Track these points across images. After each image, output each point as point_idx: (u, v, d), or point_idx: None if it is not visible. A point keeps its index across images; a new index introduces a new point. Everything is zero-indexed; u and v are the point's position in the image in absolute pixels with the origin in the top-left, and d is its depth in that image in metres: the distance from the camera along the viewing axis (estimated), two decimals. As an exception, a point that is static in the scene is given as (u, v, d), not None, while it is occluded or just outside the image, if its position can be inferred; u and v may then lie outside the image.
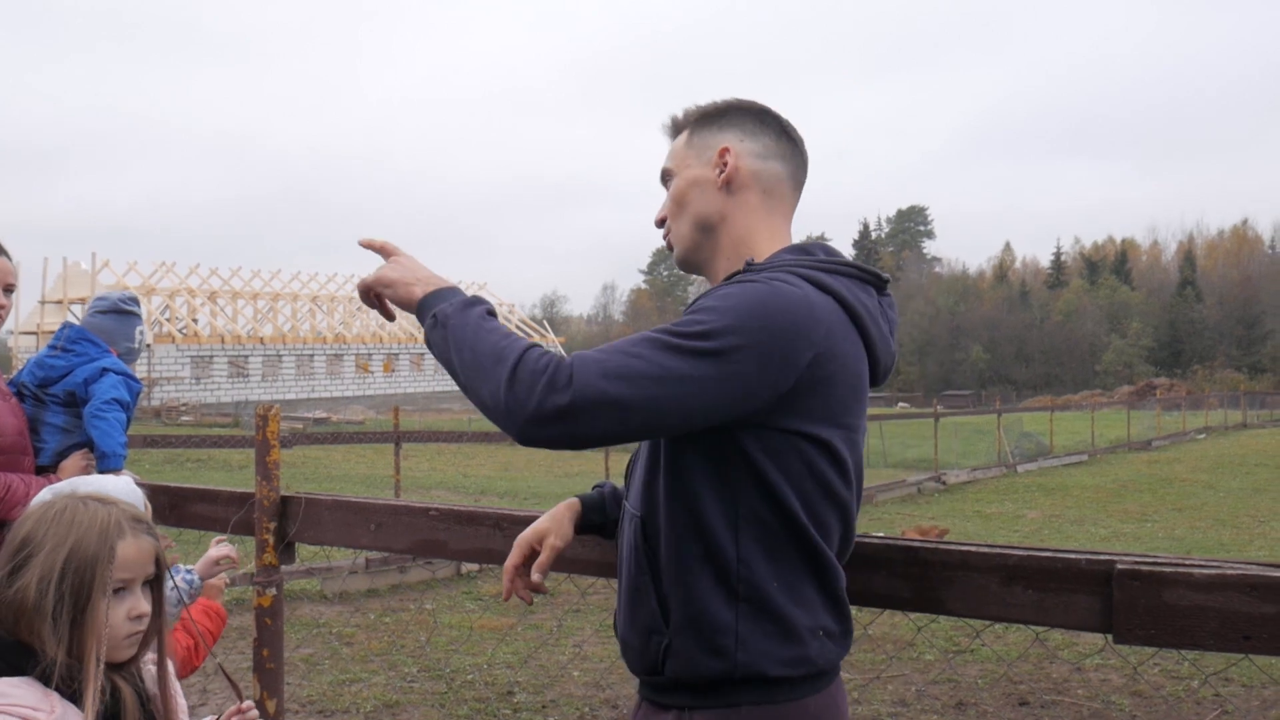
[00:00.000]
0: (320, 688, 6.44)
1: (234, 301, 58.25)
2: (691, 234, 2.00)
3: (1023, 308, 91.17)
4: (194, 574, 2.99)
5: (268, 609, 2.95)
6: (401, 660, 7.08)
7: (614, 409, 1.62)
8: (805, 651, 1.75)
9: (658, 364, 1.64)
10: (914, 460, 25.85)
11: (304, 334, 59.87)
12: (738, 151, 1.97)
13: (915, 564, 2.00)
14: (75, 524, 1.89)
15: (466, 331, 1.74)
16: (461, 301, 1.81)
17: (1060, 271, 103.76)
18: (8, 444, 3.23)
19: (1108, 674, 6.74)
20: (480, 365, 1.69)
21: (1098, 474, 22.97)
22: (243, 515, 3.00)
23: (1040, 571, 1.86)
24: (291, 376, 57.78)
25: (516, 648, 7.44)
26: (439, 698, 6.25)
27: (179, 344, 52.57)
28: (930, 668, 7.02)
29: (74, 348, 3.51)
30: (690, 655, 1.77)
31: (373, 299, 1.96)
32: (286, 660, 7.06)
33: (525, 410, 1.62)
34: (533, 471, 23.48)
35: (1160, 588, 1.73)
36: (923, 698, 6.40)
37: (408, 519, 2.67)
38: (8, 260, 3.30)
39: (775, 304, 1.69)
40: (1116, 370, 78.30)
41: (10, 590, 1.83)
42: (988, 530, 14.60)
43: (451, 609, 8.78)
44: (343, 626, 8.08)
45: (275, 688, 2.92)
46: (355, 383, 60.98)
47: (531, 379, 1.62)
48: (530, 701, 6.20)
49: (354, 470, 22.65)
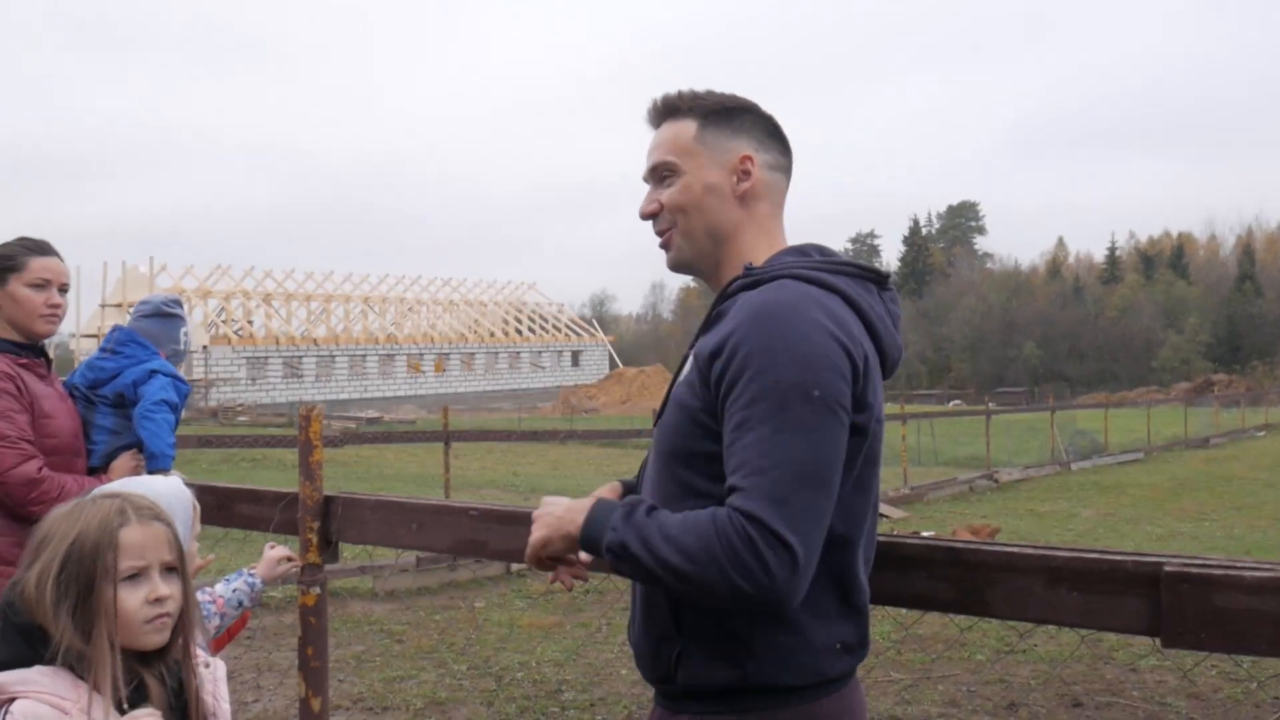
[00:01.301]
0: (370, 685, 6.49)
1: (288, 303, 59.02)
2: (702, 243, 1.96)
3: (1077, 304, 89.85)
4: (256, 577, 3.03)
5: (312, 608, 2.97)
6: (450, 658, 7.12)
7: (817, 515, 1.66)
8: (818, 664, 1.76)
9: (807, 452, 1.65)
10: (966, 458, 25.54)
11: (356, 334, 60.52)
12: (757, 163, 1.94)
13: (957, 565, 1.96)
14: (80, 518, 1.95)
15: (653, 551, 1.68)
16: (621, 519, 1.74)
17: (1115, 267, 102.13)
18: (64, 445, 3.29)
19: (1163, 675, 6.62)
20: (692, 574, 1.64)
21: (1154, 472, 22.58)
22: (287, 515, 3.02)
23: (1086, 573, 1.82)
24: (344, 376, 58.43)
25: (564, 645, 7.45)
26: (487, 695, 6.27)
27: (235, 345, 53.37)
28: (981, 668, 6.93)
29: (123, 350, 3.57)
30: (702, 664, 1.77)
31: (548, 563, 1.95)
32: (337, 657, 7.15)
33: (777, 594, 1.61)
34: (582, 470, 23.52)
35: (1210, 591, 1.68)
36: (973, 698, 6.32)
37: (449, 519, 2.68)
38: (60, 262, 3.37)
39: (819, 335, 1.70)
40: (1173, 367, 76.92)
41: (19, 584, 1.92)
42: (1040, 529, 14.40)
43: (500, 607, 8.81)
44: (393, 624, 8.13)
45: (320, 686, 2.94)
46: (407, 382, 61.53)
47: (755, 558, 1.60)
48: (577, 699, 6.20)
49: (406, 469, 22.84)
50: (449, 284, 69.56)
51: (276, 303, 58.60)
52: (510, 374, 68.15)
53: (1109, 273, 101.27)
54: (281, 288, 59.50)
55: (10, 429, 3.12)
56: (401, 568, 9.37)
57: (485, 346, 67.14)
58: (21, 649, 1.87)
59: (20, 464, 3.10)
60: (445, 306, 68.11)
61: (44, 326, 3.30)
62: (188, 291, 54.31)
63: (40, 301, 3.27)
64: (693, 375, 1.81)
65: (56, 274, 3.32)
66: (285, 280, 59.88)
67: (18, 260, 3.26)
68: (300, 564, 3.00)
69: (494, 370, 67.28)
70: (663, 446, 1.86)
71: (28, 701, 1.83)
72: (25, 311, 3.26)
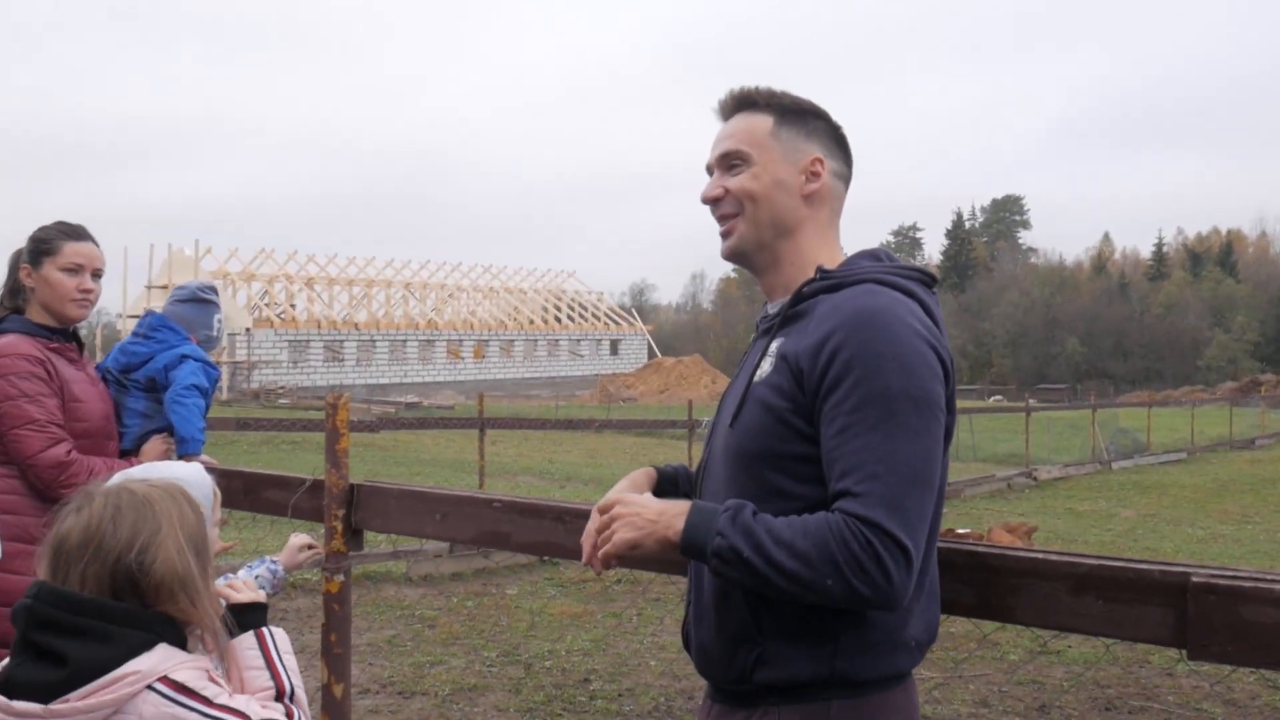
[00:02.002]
0: (401, 669, 6.53)
1: (330, 288, 59.51)
2: (764, 233, 1.98)
3: (1122, 300, 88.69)
4: (278, 564, 3.05)
5: (336, 595, 2.98)
6: (481, 644, 7.15)
7: (925, 517, 1.72)
8: (895, 660, 1.81)
9: (917, 456, 1.70)
10: (1005, 455, 25.31)
11: (397, 320, 60.93)
12: (826, 167, 1.98)
13: (980, 569, 1.94)
14: (173, 502, 1.99)
15: (765, 555, 1.69)
16: (728, 522, 1.74)
17: (1162, 263, 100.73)
18: (94, 428, 3.32)
19: (1199, 681, 6.52)
20: (810, 579, 1.67)
21: (1197, 473, 22.29)
22: (311, 501, 3.03)
23: (1111, 581, 1.79)
24: (385, 361, 58.85)
25: (595, 635, 7.46)
26: (516, 683, 6.29)
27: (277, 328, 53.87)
28: (1014, 668, 6.86)
29: (155, 335, 3.59)
30: (786, 663, 1.80)
31: (613, 561, 1.95)
32: (369, 640, 7.20)
33: (894, 596, 1.67)
34: (618, 459, 23.54)
35: (1238, 603, 1.65)
36: (1005, 699, 6.26)
37: (471, 510, 2.68)
38: (95, 247, 3.39)
39: (918, 343, 1.75)
40: (1220, 366, 75.73)
41: (156, 564, 1.90)
42: (1079, 528, 14.25)
43: (533, 594, 8.84)
44: (426, 609, 8.18)
45: (342, 672, 2.95)
46: (446, 368, 61.87)
47: (876, 563, 1.64)
48: (606, 689, 6.21)
49: (443, 454, 22.96)
50: (489, 271, 69.83)
51: (319, 287, 59.08)
52: (549, 361, 68.34)
53: (1155, 269, 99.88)
54: (324, 272, 59.97)
55: (39, 413, 3.15)
56: (435, 553, 9.42)
57: (524, 334, 67.37)
58: (138, 640, 1.86)
59: (49, 447, 3.13)
60: (485, 293, 68.38)
61: (75, 311, 3.33)
62: (232, 275, 54.90)
63: (72, 286, 3.30)
64: (778, 377, 1.82)
65: (90, 259, 3.35)
66: (328, 265, 60.33)
67: (53, 244, 3.29)
68: (323, 552, 3.01)
69: (533, 357, 67.51)
70: (744, 447, 1.86)
71: (185, 670, 1.87)
72: (57, 295, 3.29)
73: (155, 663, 1.84)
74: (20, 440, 3.12)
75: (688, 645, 2.00)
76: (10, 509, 3.07)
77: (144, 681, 1.82)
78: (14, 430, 3.13)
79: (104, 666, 1.81)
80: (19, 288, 3.34)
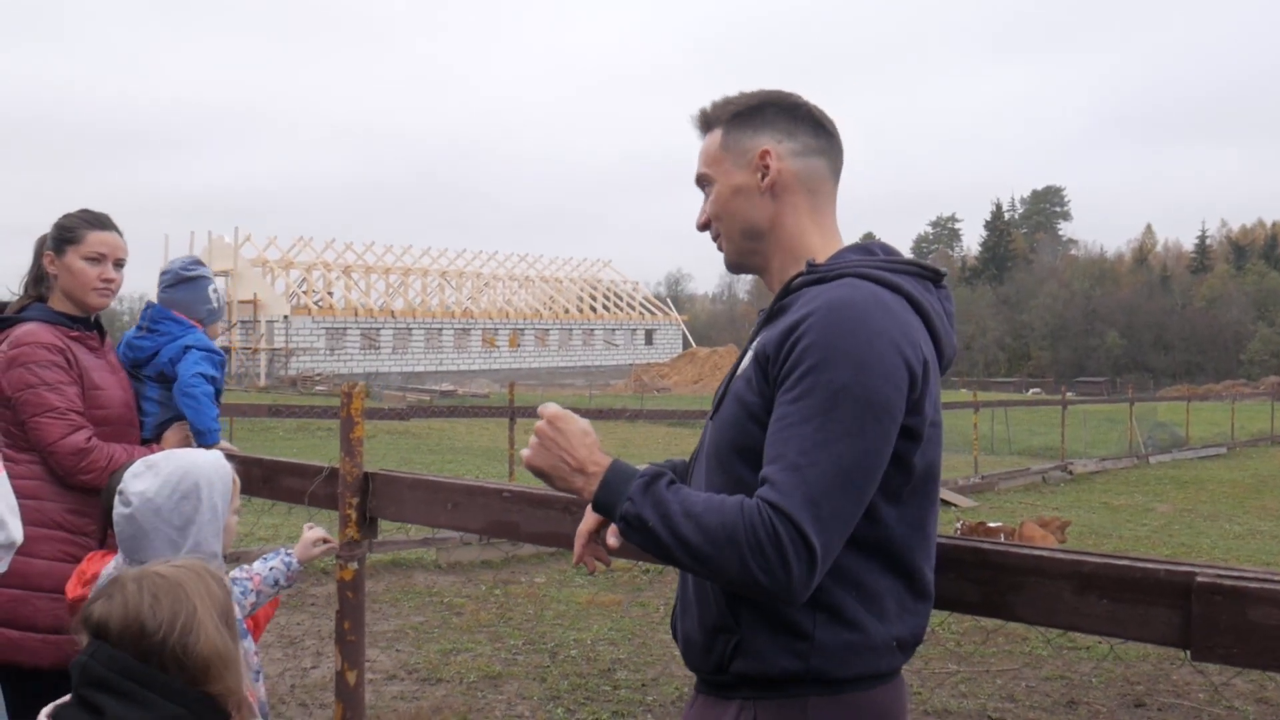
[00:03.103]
0: (428, 656, 6.57)
1: (367, 276, 59.89)
2: (742, 242, 1.98)
3: (1163, 293, 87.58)
4: (292, 557, 3.08)
5: (349, 583, 3.00)
6: (508, 632, 7.18)
7: (844, 521, 1.67)
8: (876, 660, 1.77)
9: (845, 456, 1.65)
10: (1040, 448, 25.06)
11: (433, 308, 61.23)
12: (778, 153, 1.93)
13: (984, 567, 1.92)
14: (201, 581, 2.00)
15: (672, 527, 1.68)
16: (639, 489, 1.73)
17: (1204, 255, 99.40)
18: (115, 415, 3.35)
19: (1231, 678, 6.43)
20: (710, 556, 1.65)
21: (1236, 468, 21.98)
22: (326, 489, 3.05)
23: (1116, 581, 1.76)
24: (420, 349, 59.18)
25: (621, 625, 7.47)
26: (541, 671, 6.31)
27: (314, 316, 54.29)
28: (1043, 663, 6.81)
29: (158, 327, 3.57)
30: (762, 655, 1.78)
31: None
32: (398, 627, 7.25)
33: (791, 590, 1.63)
34: (650, 449, 23.54)
35: (1244, 604, 1.62)
36: (1032, 693, 6.21)
37: (482, 500, 2.69)
38: (119, 237, 3.42)
39: (880, 343, 1.69)
40: (1263, 360, 74.61)
41: (199, 646, 1.92)
42: (1114, 523, 14.10)
43: (561, 584, 8.86)
44: (454, 596, 8.23)
45: (356, 659, 2.97)
46: (481, 356, 62.13)
47: (778, 553, 1.61)
48: (631, 679, 6.22)
49: (476, 442, 23.09)
50: (525, 259, 70.02)
51: (356, 275, 59.49)
52: (584, 351, 68.45)
53: (1198, 262, 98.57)
54: (361, 260, 60.35)
55: (59, 400, 3.18)
56: (465, 540, 9.46)
57: (559, 323, 67.51)
58: (171, 712, 1.88)
59: (69, 434, 3.17)
60: (521, 282, 68.59)
61: (97, 299, 3.36)
62: (270, 262, 55.38)
63: (94, 275, 3.32)
64: (751, 371, 1.81)
65: (113, 248, 3.37)
66: (365, 253, 60.72)
67: (77, 232, 3.32)
68: (335, 546, 3.03)
69: (568, 347, 67.66)
70: (720, 441, 1.86)
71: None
72: (79, 284, 3.31)
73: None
74: (41, 428, 3.16)
75: (675, 635, 2.00)
76: (32, 494, 3.10)
77: None
78: (34, 418, 3.16)
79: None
80: (43, 275, 3.38)
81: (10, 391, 3.20)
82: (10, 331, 3.29)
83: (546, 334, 66.67)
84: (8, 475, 2.64)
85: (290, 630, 7.07)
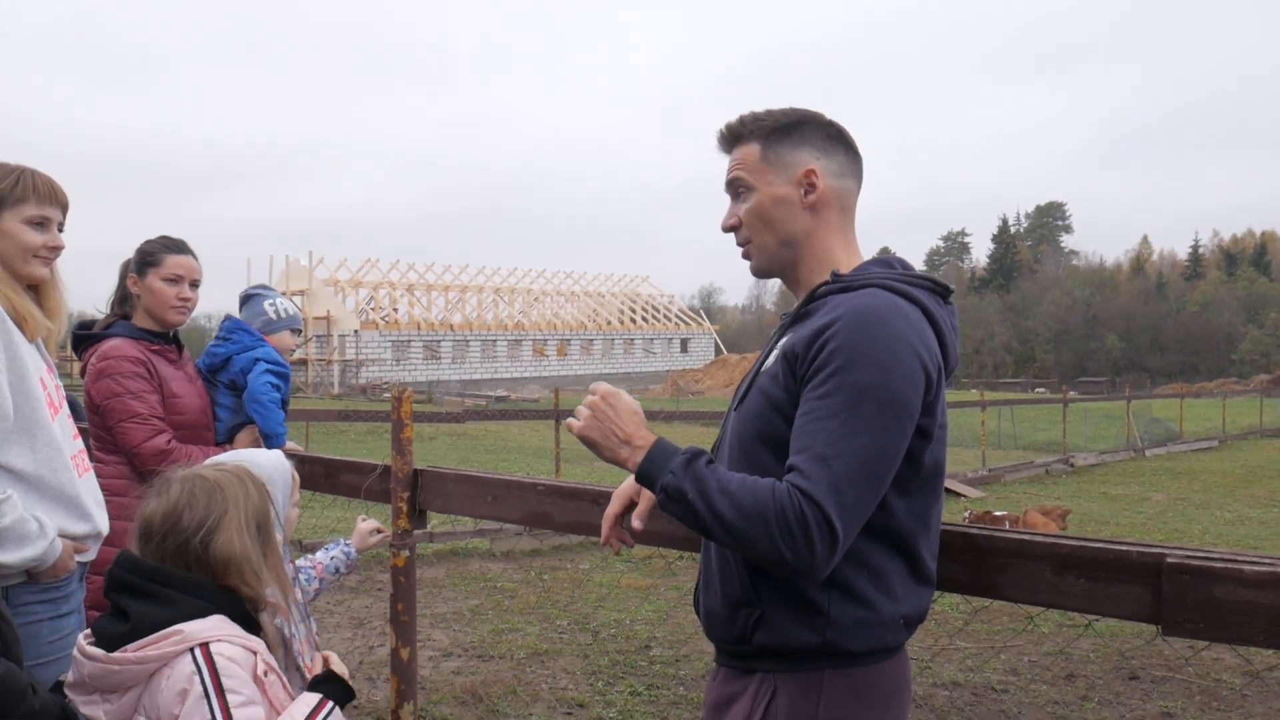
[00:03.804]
0: (481, 635, 6.59)
1: (428, 293, 60.28)
2: (778, 250, 1.96)
3: (1159, 299, 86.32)
4: (351, 547, 3.10)
5: (402, 569, 3.02)
6: (555, 614, 7.19)
7: (863, 509, 1.68)
8: (885, 635, 1.78)
9: (868, 450, 1.65)
10: (1044, 443, 24.72)
11: (488, 321, 61.51)
12: (820, 172, 1.92)
13: (972, 550, 1.91)
14: (240, 485, 2.03)
15: (709, 501, 1.68)
16: (681, 465, 1.74)
17: (1198, 264, 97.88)
18: (192, 420, 3.41)
19: (1221, 653, 6.32)
20: (742, 531, 1.66)
21: (1227, 459, 21.55)
22: (381, 485, 3.08)
23: (1092, 561, 1.74)
24: (477, 359, 59.46)
25: (658, 606, 7.45)
26: (584, 648, 6.31)
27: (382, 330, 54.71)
28: (1044, 639, 6.72)
29: (232, 336, 3.67)
30: (781, 628, 1.78)
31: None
32: (454, 609, 7.28)
33: (814, 568, 1.64)
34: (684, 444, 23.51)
35: (1210, 583, 1.59)
36: (1034, 668, 6.13)
37: (519, 493, 2.70)
38: (194, 260, 3.47)
39: (902, 347, 1.70)
40: (1253, 359, 73.28)
41: (217, 545, 1.95)
42: (1112, 511, 13.89)
43: (603, 569, 8.86)
44: (506, 581, 8.25)
45: (409, 637, 2.99)
46: (532, 365, 62.31)
47: (804, 533, 1.62)
48: (665, 655, 6.21)
49: (527, 443, 23.14)
50: (570, 276, 70.20)
51: (418, 292, 59.88)
52: (625, 359, 68.48)
53: (1192, 269, 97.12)
54: (423, 279, 60.77)
55: (142, 407, 3.25)
56: (516, 531, 9.46)
57: (603, 334, 67.58)
58: (192, 606, 1.90)
59: (151, 438, 3.23)
60: (568, 297, 68.77)
61: (175, 316, 3.42)
62: (341, 282, 55.88)
63: (173, 294, 3.39)
64: (779, 367, 1.81)
65: (189, 270, 3.43)
66: (426, 273, 61.14)
67: (156, 256, 3.38)
68: (389, 536, 3.06)
69: (610, 355, 67.71)
70: (744, 430, 1.86)
71: (226, 644, 1.88)
72: (159, 302, 3.38)
73: (203, 628, 1.88)
74: (126, 432, 3.22)
75: (698, 610, 2.00)
76: (119, 492, 3.16)
77: (187, 643, 1.85)
78: (120, 423, 3.23)
79: (159, 625, 1.86)
80: (127, 295, 3.44)
81: (99, 400, 3.26)
82: (98, 346, 3.35)
83: (591, 344, 66.75)
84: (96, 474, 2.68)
85: (359, 612, 7.12)
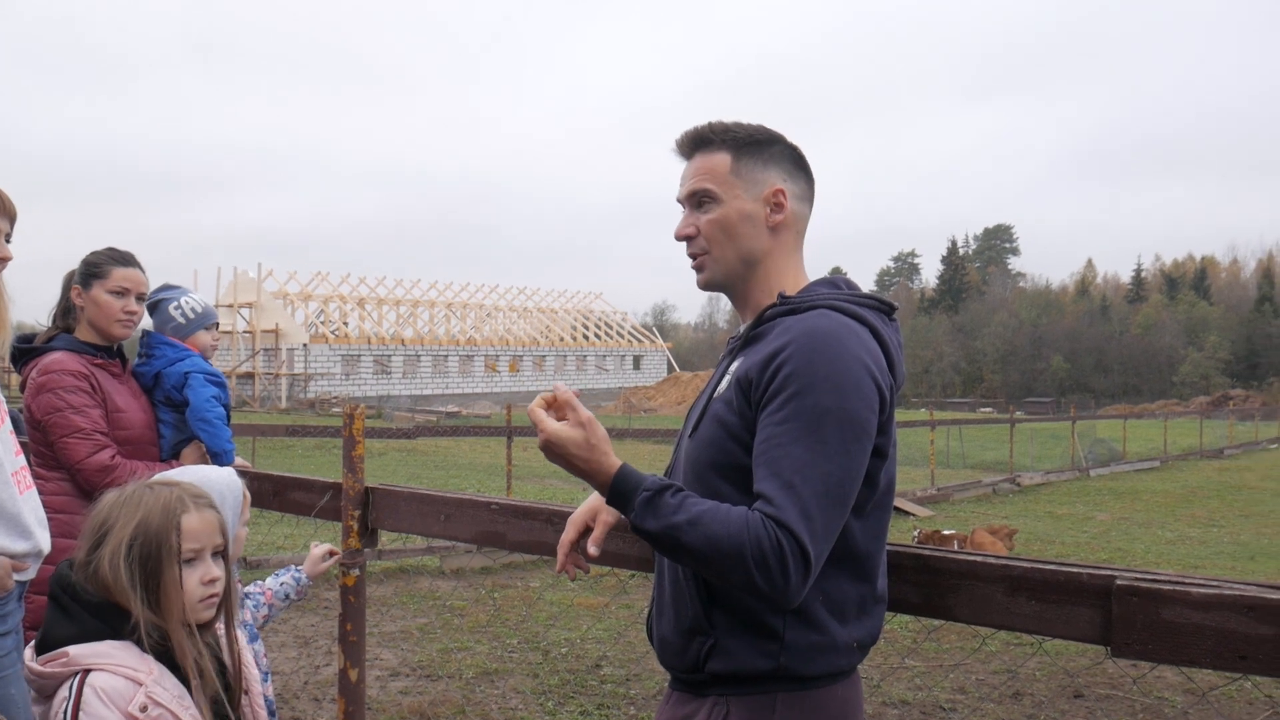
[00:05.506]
0: (430, 654, 6.52)
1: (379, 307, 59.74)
2: (735, 265, 1.92)
3: (1103, 321, 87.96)
4: (302, 573, 3.05)
5: (351, 588, 2.98)
6: (505, 632, 7.13)
7: (833, 531, 1.67)
8: (838, 659, 1.78)
9: (832, 474, 1.65)
10: (991, 462, 25.09)
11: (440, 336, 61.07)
12: (788, 194, 1.91)
13: (924, 571, 1.91)
14: (142, 504, 1.95)
15: (677, 535, 1.66)
16: (642, 505, 1.71)
17: (1140, 287, 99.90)
18: (136, 435, 3.34)
19: (1163, 672, 6.43)
20: (714, 561, 1.64)
21: (1168, 480, 22.01)
22: (331, 503, 3.04)
23: (1043, 583, 1.76)
24: (428, 374, 58.98)
25: (608, 625, 7.42)
26: (534, 667, 6.27)
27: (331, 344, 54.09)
28: (992, 658, 6.79)
29: (154, 351, 3.53)
30: (736, 655, 1.77)
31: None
32: (402, 628, 7.19)
33: (788, 595, 1.63)
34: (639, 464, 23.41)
35: (1158, 605, 1.62)
36: (981, 686, 6.19)
37: (472, 511, 2.67)
38: (141, 273, 3.41)
39: (857, 369, 1.70)
40: (1193, 381, 74.93)
41: (92, 565, 1.90)
42: (1057, 530, 14.10)
43: (555, 587, 8.80)
44: (456, 600, 8.17)
45: (357, 658, 2.95)
46: (484, 380, 61.94)
47: (779, 563, 1.61)
48: (616, 674, 6.18)
49: (479, 459, 22.98)
50: (523, 292, 70.00)
51: (369, 306, 59.31)
52: (577, 375, 68.31)
53: (1134, 293, 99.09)
54: (374, 293, 60.22)
55: (84, 422, 3.17)
56: (466, 548, 9.37)
57: (555, 350, 67.39)
58: (91, 625, 1.86)
59: (95, 453, 3.16)
60: (520, 313, 68.52)
61: (119, 330, 3.35)
62: (291, 295, 55.20)
63: (118, 307, 3.32)
64: (731, 394, 1.79)
65: (135, 283, 3.36)
66: (377, 286, 60.60)
67: (102, 268, 3.31)
68: (340, 555, 3.02)
69: (563, 371, 67.52)
70: (699, 458, 1.84)
71: (104, 674, 1.82)
72: (104, 315, 3.31)
73: (90, 654, 1.84)
74: (69, 447, 3.15)
75: (651, 637, 1.98)
76: (61, 509, 3.09)
77: (72, 666, 1.81)
78: (63, 439, 3.15)
79: (61, 642, 1.85)
80: (70, 307, 3.37)
81: (40, 415, 3.19)
82: (40, 359, 3.28)
83: (543, 360, 66.51)
84: (38, 491, 2.62)
85: (304, 631, 7.00)
